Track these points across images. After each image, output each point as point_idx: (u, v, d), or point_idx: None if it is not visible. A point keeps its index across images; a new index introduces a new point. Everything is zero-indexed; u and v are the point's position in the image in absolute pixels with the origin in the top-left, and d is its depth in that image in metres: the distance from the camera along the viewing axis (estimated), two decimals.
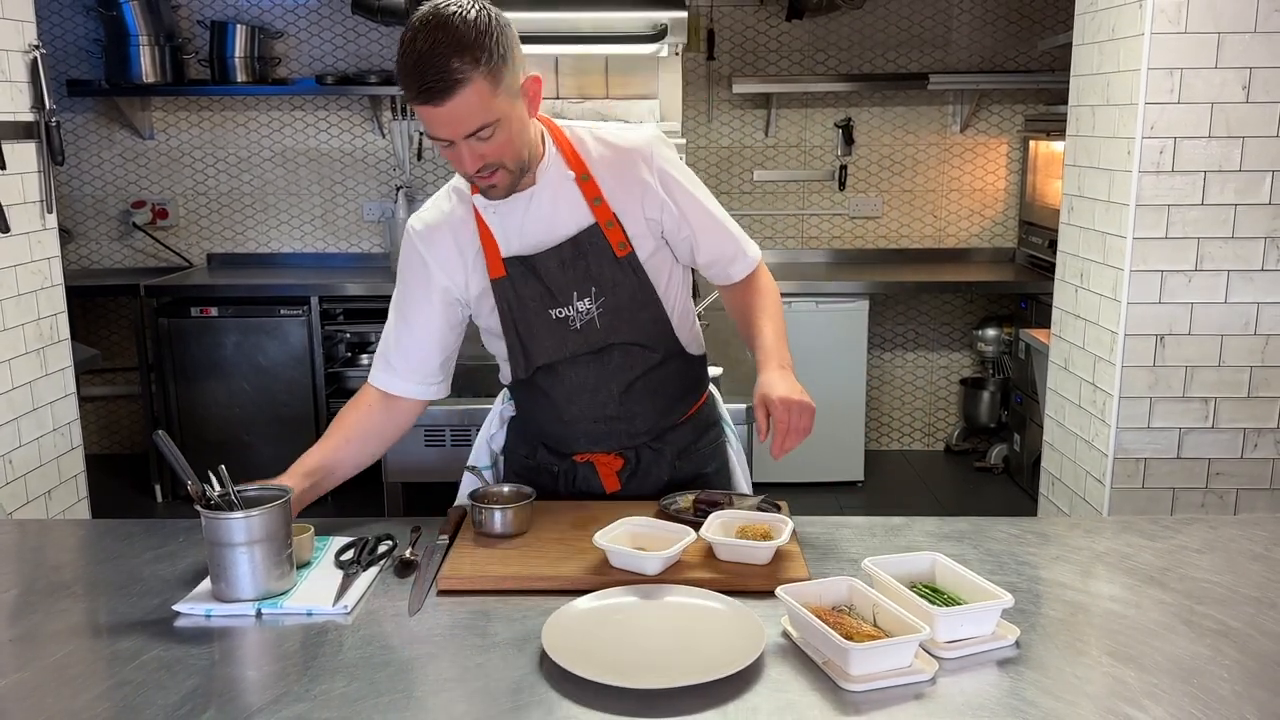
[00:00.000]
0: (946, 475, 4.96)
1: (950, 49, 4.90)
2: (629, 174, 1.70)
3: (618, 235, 1.69)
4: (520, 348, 1.75)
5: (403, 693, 1.20)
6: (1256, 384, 2.85)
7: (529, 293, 1.71)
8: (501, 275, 1.70)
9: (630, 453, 1.82)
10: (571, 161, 1.69)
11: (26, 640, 1.36)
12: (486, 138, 1.52)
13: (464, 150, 1.52)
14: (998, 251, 5.08)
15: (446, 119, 1.49)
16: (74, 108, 4.87)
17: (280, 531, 1.44)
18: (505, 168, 1.58)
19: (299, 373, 4.44)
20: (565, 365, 1.75)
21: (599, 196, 1.69)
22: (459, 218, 1.73)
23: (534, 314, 1.72)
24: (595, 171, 1.69)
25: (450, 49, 1.44)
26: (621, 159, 1.71)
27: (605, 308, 1.71)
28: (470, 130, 1.50)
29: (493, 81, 1.48)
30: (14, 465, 2.82)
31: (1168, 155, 2.74)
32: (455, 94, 1.46)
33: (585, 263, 1.69)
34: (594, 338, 1.73)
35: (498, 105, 1.50)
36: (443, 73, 1.44)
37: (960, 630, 1.29)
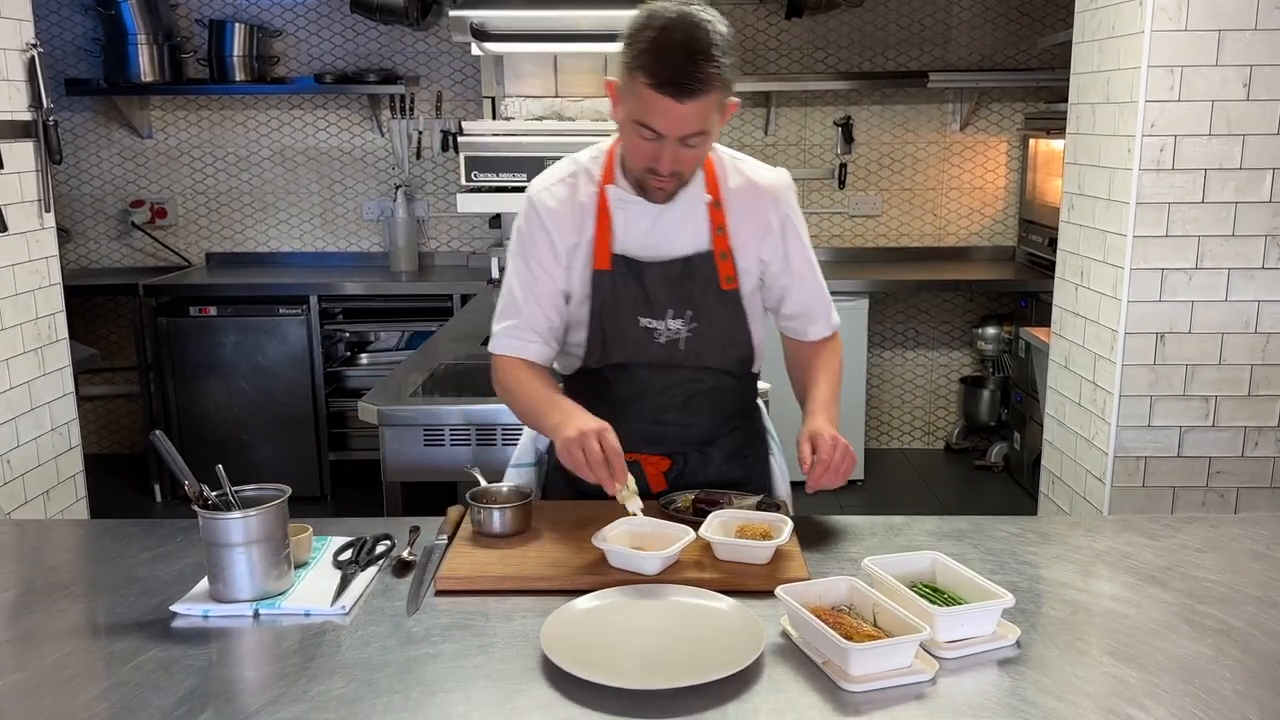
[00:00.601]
0: (947, 474, 4.96)
1: (950, 47, 4.90)
2: (757, 211, 1.74)
3: (729, 269, 1.73)
4: (601, 343, 1.76)
5: (401, 693, 1.20)
6: (1257, 382, 2.84)
7: (626, 294, 1.72)
8: (606, 269, 1.72)
9: (679, 456, 1.83)
10: (710, 185, 1.73)
11: (24, 640, 1.35)
12: (694, 145, 1.58)
13: (669, 150, 1.57)
14: (998, 250, 5.07)
15: (678, 116, 1.53)
16: (72, 107, 4.86)
17: (278, 532, 1.43)
18: (683, 176, 1.63)
19: (298, 372, 4.44)
20: (641, 370, 1.77)
21: (722, 226, 1.72)
22: (584, 200, 1.74)
23: (623, 316, 1.73)
24: (726, 200, 1.73)
25: (707, 53, 1.51)
26: (755, 195, 1.75)
27: (696, 334, 1.74)
28: (689, 133, 1.55)
29: (721, 96, 1.56)
30: (12, 465, 2.82)
31: (1168, 153, 2.73)
32: (700, 96, 1.51)
33: (690, 285, 1.72)
34: (675, 355, 1.75)
35: (714, 118, 1.57)
36: (699, 72, 1.50)
37: (960, 630, 1.28)
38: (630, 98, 1.57)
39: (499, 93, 3.71)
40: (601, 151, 1.77)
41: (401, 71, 4.83)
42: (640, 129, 1.56)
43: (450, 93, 4.89)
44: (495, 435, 2.49)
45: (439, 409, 2.50)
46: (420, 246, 4.96)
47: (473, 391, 2.78)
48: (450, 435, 2.50)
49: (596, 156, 1.77)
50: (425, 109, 4.88)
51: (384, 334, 4.82)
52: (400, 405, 2.51)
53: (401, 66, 4.86)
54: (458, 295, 4.45)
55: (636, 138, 1.58)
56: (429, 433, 2.50)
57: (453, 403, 2.53)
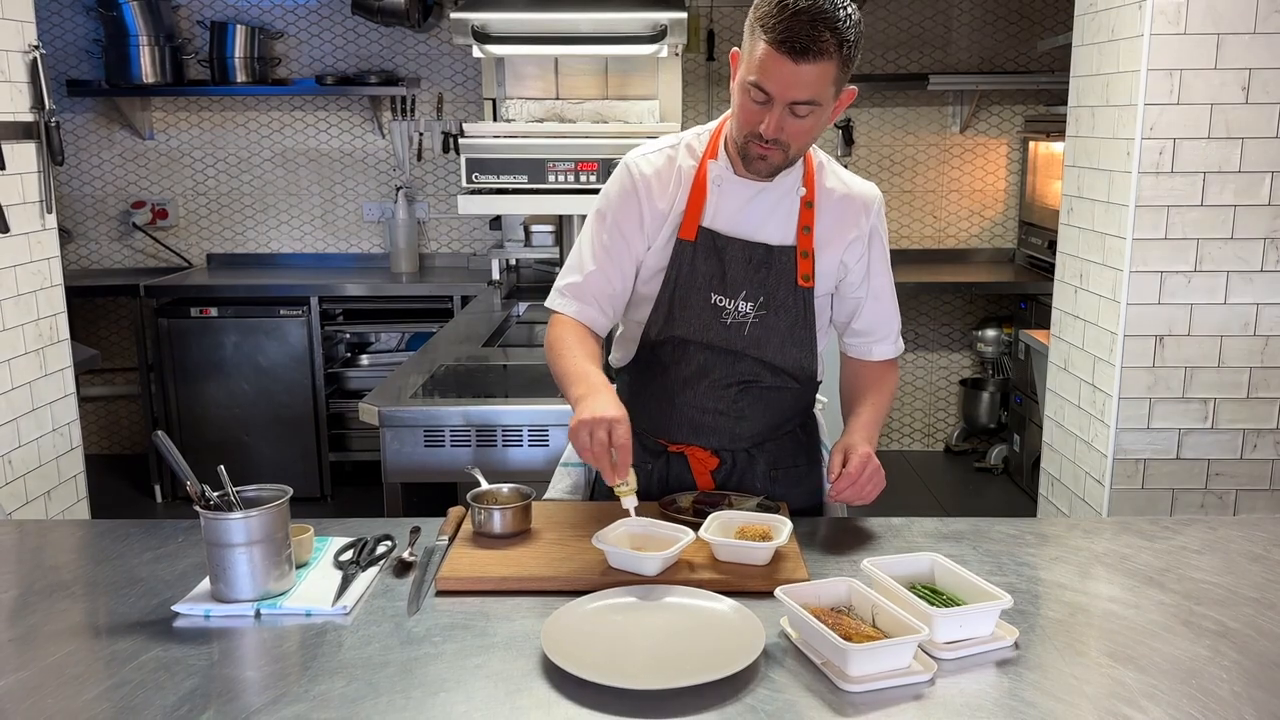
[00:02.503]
0: (946, 476, 4.96)
1: (950, 49, 4.90)
2: (848, 216, 1.76)
3: (808, 267, 1.74)
4: (667, 313, 1.76)
5: (401, 693, 1.20)
6: (1256, 384, 2.85)
7: (704, 267, 1.73)
8: (691, 239, 1.73)
9: (728, 455, 1.83)
10: (808, 182, 1.74)
11: (26, 640, 1.36)
12: (803, 115, 1.59)
13: (777, 113, 1.58)
14: (997, 252, 5.08)
15: (790, 78, 1.55)
16: (74, 108, 4.87)
17: (279, 532, 1.44)
18: (787, 150, 1.63)
19: (299, 373, 4.45)
20: (699, 349, 1.77)
21: (809, 226, 1.74)
22: (683, 171, 1.75)
23: (697, 290, 1.74)
24: (820, 201, 1.74)
25: (830, 21, 1.54)
26: (848, 202, 1.76)
27: (762, 322, 1.74)
28: (798, 99, 1.56)
29: (839, 71, 1.58)
30: (13, 465, 2.82)
31: (1167, 156, 2.74)
32: (815, 60, 1.53)
33: (767, 272, 1.73)
34: (737, 340, 1.75)
35: (827, 93, 1.59)
36: (817, 36, 1.53)
37: (959, 631, 1.29)
38: (748, 58, 1.58)
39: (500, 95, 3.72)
40: (707, 129, 1.79)
41: (402, 73, 4.84)
42: (753, 91, 1.57)
43: (451, 94, 4.89)
44: (495, 436, 2.49)
45: (439, 410, 2.51)
46: (421, 248, 4.97)
47: (473, 393, 2.78)
48: (450, 436, 2.50)
49: (701, 133, 1.79)
50: (426, 111, 4.88)
51: (384, 335, 4.82)
52: (401, 406, 2.51)
53: (402, 68, 4.86)
54: (458, 296, 4.46)
55: (748, 100, 1.59)
56: (429, 434, 2.50)
57: (453, 404, 2.53)
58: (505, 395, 2.66)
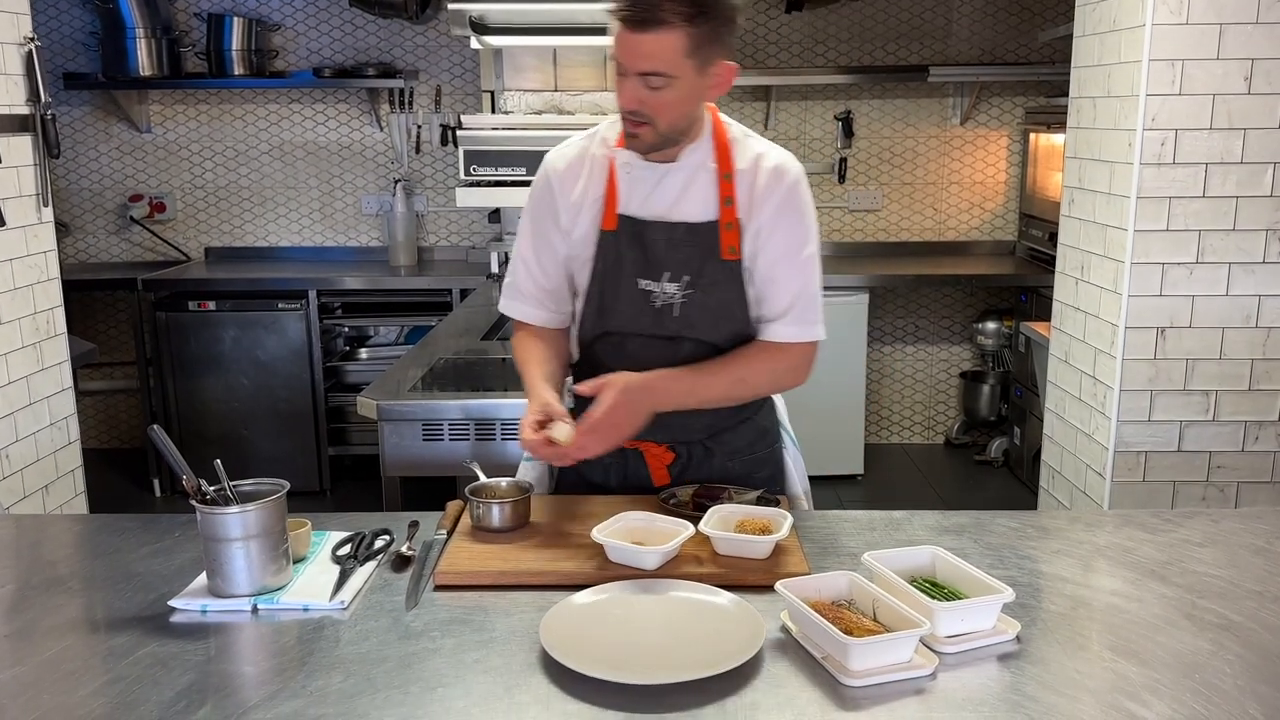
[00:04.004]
0: (946, 469, 4.96)
1: (950, 41, 4.89)
2: (761, 190, 1.72)
3: (733, 239, 1.71)
4: (598, 305, 1.76)
5: (399, 688, 1.19)
6: (1257, 377, 2.84)
7: (628, 254, 1.73)
8: (612, 228, 1.73)
9: (682, 448, 1.81)
10: (720, 157, 1.72)
11: (22, 635, 1.35)
12: (657, 87, 1.57)
13: (629, 85, 1.58)
14: (998, 244, 5.07)
15: (633, 49, 1.56)
16: (70, 101, 4.85)
17: (276, 526, 1.43)
18: (655, 126, 1.62)
19: (297, 367, 4.44)
20: (633, 341, 1.75)
21: (731, 198, 1.71)
22: (595, 162, 1.76)
23: (624, 277, 1.73)
24: (738, 175, 1.72)
25: None
26: (764, 172, 1.72)
27: (691, 300, 1.72)
28: (643, 70, 1.56)
29: (694, 43, 1.55)
30: (11, 460, 2.81)
31: (1169, 147, 2.73)
32: (655, 30, 1.53)
33: (691, 250, 1.71)
34: (669, 323, 1.73)
35: (683, 66, 1.56)
36: (653, 7, 1.52)
37: (960, 625, 1.28)
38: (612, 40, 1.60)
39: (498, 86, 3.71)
40: (619, 119, 1.77)
41: (400, 65, 4.83)
42: (615, 65, 1.60)
43: (449, 87, 4.88)
44: (494, 430, 2.48)
45: (438, 404, 2.50)
46: (419, 241, 4.95)
47: (472, 386, 2.77)
48: (449, 430, 2.50)
49: (614, 122, 1.78)
50: (424, 103, 4.87)
51: (383, 329, 4.81)
52: (399, 400, 2.51)
53: (400, 60, 4.85)
54: (457, 290, 4.45)
55: (616, 75, 1.61)
56: (428, 427, 2.49)
57: (452, 397, 2.52)
58: (504, 389, 2.65)
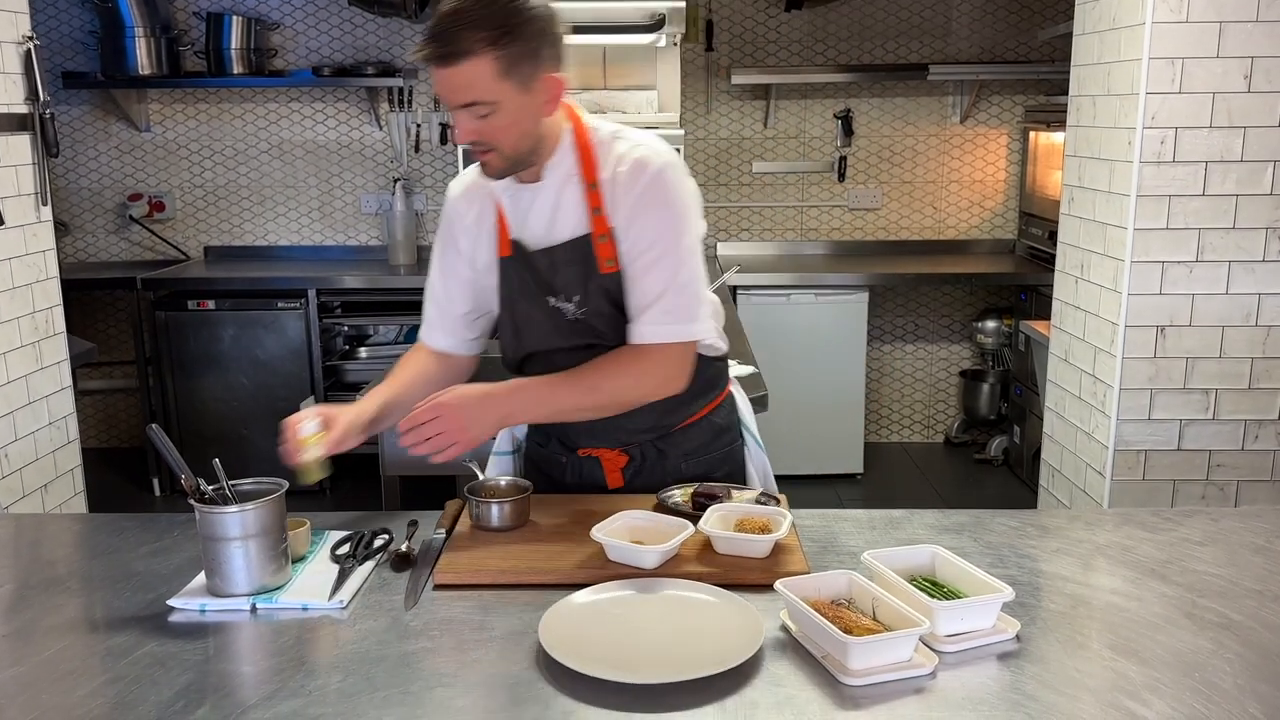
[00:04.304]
0: (946, 467, 4.96)
1: (950, 39, 4.88)
2: (623, 185, 1.64)
3: (608, 250, 1.66)
4: (512, 329, 1.76)
5: (399, 688, 1.19)
6: (1257, 375, 2.84)
7: (529, 277, 1.72)
8: (508, 254, 1.73)
9: (634, 450, 1.80)
10: (585, 166, 1.66)
11: (21, 635, 1.35)
12: (482, 115, 1.54)
13: (459, 119, 1.56)
14: (997, 243, 5.07)
15: (444, 83, 1.53)
16: (69, 100, 4.85)
17: (275, 526, 1.43)
18: (499, 151, 1.60)
19: (297, 366, 4.44)
20: (560, 355, 1.73)
21: (600, 208, 1.66)
22: (487, 190, 1.75)
23: (531, 298, 1.72)
24: (604, 180, 1.66)
25: (471, 21, 1.48)
26: (623, 170, 1.65)
27: (588, 314, 1.69)
28: (463, 102, 1.53)
29: (504, 65, 1.51)
30: (10, 459, 2.81)
31: (1169, 145, 2.72)
32: (457, 63, 1.49)
33: (572, 270, 1.68)
34: (585, 334, 1.71)
35: (502, 89, 1.52)
36: (454, 40, 1.48)
37: (960, 624, 1.28)
38: None
39: None
40: None
41: (400, 64, 4.82)
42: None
43: None
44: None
45: None
46: (419, 240, 4.95)
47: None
48: None
49: None
50: (423, 102, 4.86)
51: (383, 327, 4.81)
52: None
53: (400, 59, 4.84)
54: None
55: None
56: None
57: None
58: None
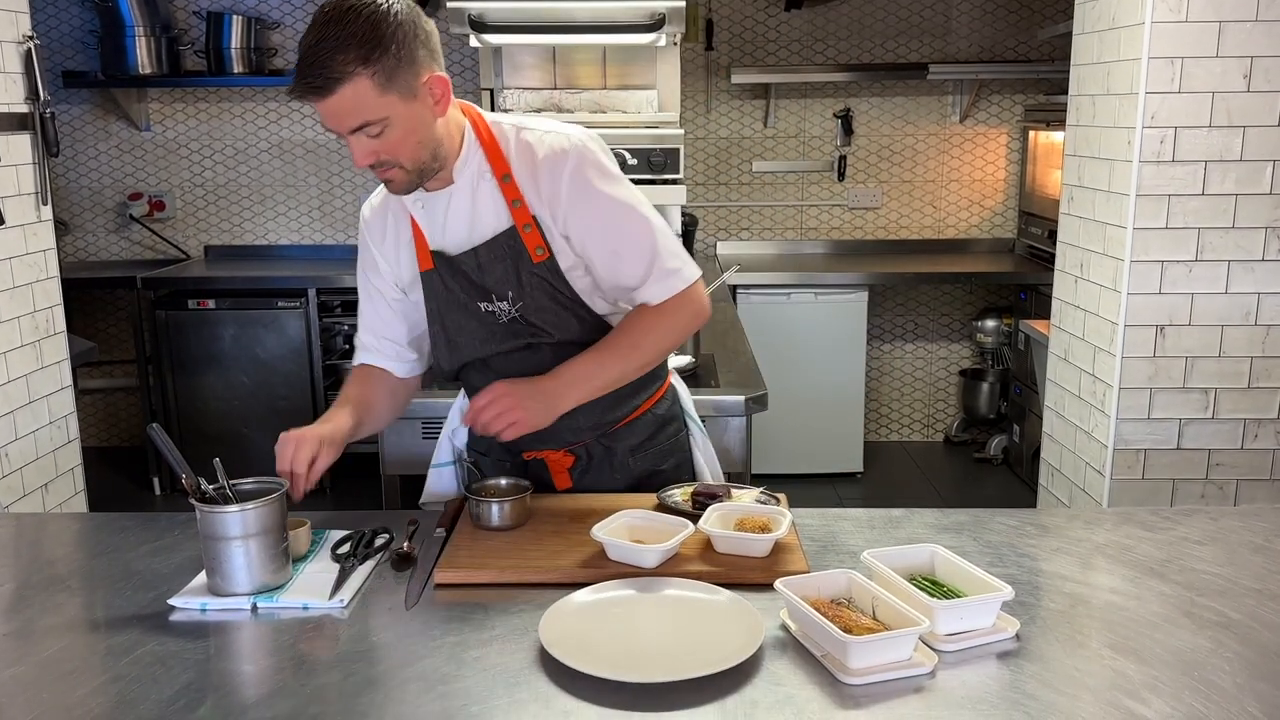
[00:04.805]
0: (946, 466, 4.96)
1: (950, 38, 4.89)
2: (542, 180, 1.63)
3: (535, 239, 1.64)
4: (445, 340, 1.74)
5: (399, 687, 1.19)
6: (1257, 374, 2.84)
7: (456, 286, 1.69)
8: (429, 268, 1.70)
9: (579, 449, 1.78)
10: (494, 160, 1.64)
11: (22, 634, 1.35)
12: (375, 135, 1.50)
13: (353, 144, 1.51)
14: (997, 242, 5.07)
15: (329, 113, 1.48)
16: (70, 99, 4.85)
17: (276, 525, 1.43)
18: (401, 166, 1.55)
19: (297, 365, 4.44)
20: (497, 360, 1.72)
21: (519, 198, 1.63)
22: (397, 207, 1.73)
23: (461, 306, 1.70)
24: (516, 172, 1.64)
25: (336, 45, 1.42)
26: (536, 164, 1.63)
27: (525, 310, 1.67)
28: (353, 126, 1.48)
29: (382, 79, 1.45)
30: (10, 459, 2.81)
31: (1168, 145, 2.73)
32: (334, 91, 1.44)
33: (502, 266, 1.65)
34: (522, 334, 1.69)
35: (387, 103, 1.47)
36: (324, 69, 1.43)
37: (960, 623, 1.28)
38: None
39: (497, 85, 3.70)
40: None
41: None
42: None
43: None
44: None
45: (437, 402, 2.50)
46: None
47: None
48: None
49: None
50: None
51: None
52: None
53: None
54: None
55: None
56: (428, 425, 2.49)
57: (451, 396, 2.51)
58: None
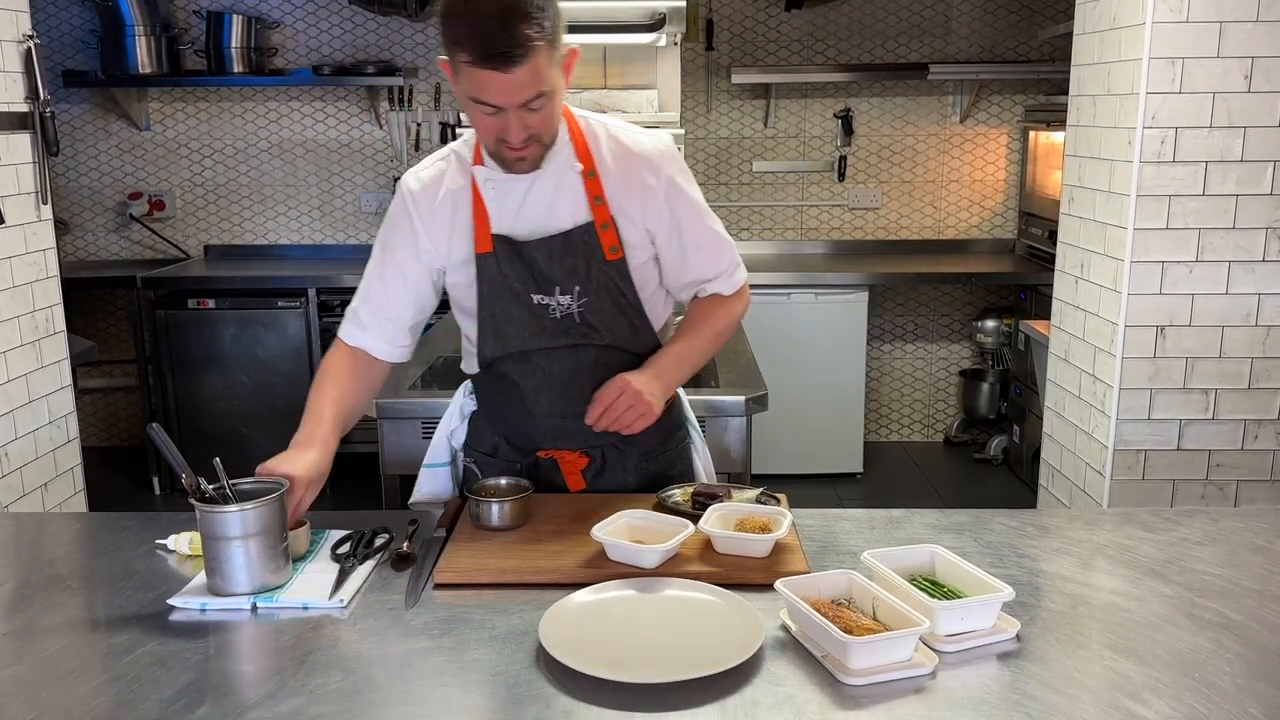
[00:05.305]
0: (946, 467, 4.96)
1: (950, 38, 4.88)
2: (634, 179, 1.67)
3: (611, 238, 1.66)
4: (492, 328, 1.71)
5: (399, 687, 1.19)
6: (1257, 375, 2.84)
7: (513, 273, 1.67)
8: (488, 251, 1.67)
9: (595, 451, 1.78)
10: (581, 154, 1.66)
11: (22, 634, 1.35)
12: (538, 108, 1.51)
13: (513, 119, 1.51)
14: (997, 242, 5.07)
15: (510, 86, 1.46)
16: (70, 99, 4.85)
17: (276, 525, 1.43)
18: (541, 141, 1.57)
19: (296, 365, 4.44)
20: (539, 355, 1.71)
21: (600, 196, 1.66)
22: (457, 183, 1.69)
23: (513, 295, 1.68)
24: (602, 169, 1.66)
25: (519, 14, 1.43)
26: (631, 162, 1.67)
27: (586, 307, 1.68)
28: (528, 99, 1.49)
29: (550, 50, 1.48)
30: (10, 458, 2.81)
31: (1169, 145, 2.73)
32: (524, 61, 1.44)
33: (574, 259, 1.66)
34: (572, 332, 1.70)
35: (553, 75, 1.50)
36: (515, 39, 1.42)
37: (960, 624, 1.28)
38: (460, 76, 1.49)
39: None
40: (474, 134, 1.69)
41: (400, 63, 4.82)
42: (479, 105, 1.50)
43: (448, 84, 4.87)
44: None
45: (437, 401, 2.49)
46: None
47: None
48: None
49: (469, 140, 1.71)
50: (424, 101, 4.86)
51: None
52: (398, 398, 2.51)
53: (400, 58, 4.84)
54: None
55: (480, 114, 1.52)
56: (427, 425, 2.49)
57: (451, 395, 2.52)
58: None
